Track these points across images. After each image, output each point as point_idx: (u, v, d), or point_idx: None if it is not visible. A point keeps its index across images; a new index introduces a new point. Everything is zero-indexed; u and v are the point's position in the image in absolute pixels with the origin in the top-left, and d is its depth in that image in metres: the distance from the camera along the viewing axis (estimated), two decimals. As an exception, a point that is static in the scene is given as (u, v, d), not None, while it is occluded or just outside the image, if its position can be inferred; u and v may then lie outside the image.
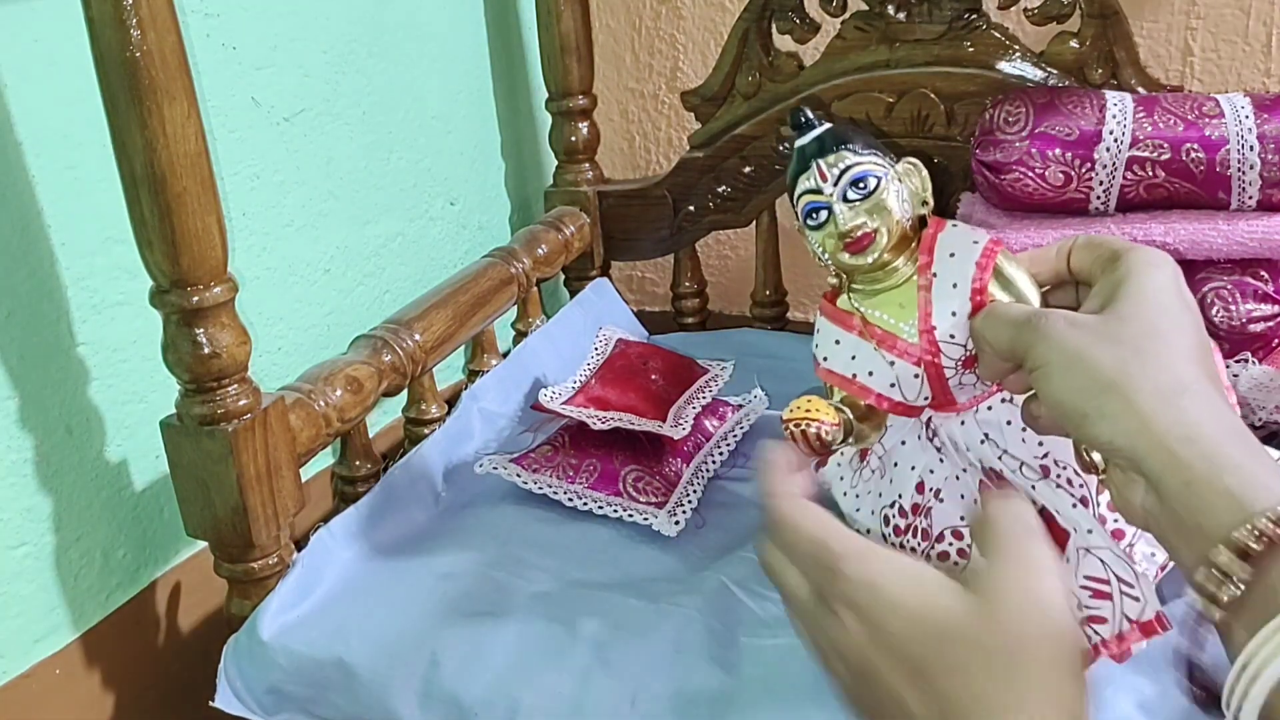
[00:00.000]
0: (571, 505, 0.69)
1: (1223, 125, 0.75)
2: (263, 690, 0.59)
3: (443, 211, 1.00)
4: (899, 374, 0.48)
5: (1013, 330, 0.44)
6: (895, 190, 0.49)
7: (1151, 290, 0.42)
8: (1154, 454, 0.38)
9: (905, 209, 0.49)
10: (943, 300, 0.48)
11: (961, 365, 0.48)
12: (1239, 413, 0.42)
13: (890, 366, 0.48)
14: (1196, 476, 0.37)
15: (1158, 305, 0.42)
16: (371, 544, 0.67)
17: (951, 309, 0.47)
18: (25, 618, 0.63)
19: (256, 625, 0.60)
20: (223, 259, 0.56)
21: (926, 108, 0.91)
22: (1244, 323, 0.74)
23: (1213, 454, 0.37)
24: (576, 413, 0.72)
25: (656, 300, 1.22)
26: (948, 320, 0.47)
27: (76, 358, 0.65)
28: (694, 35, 1.14)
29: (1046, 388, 0.42)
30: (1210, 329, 0.75)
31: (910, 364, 0.48)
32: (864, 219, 0.48)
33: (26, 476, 0.63)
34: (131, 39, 0.50)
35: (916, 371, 0.48)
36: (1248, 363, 0.73)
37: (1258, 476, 0.36)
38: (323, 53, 0.83)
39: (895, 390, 0.49)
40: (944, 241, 0.49)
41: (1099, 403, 0.39)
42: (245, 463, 0.59)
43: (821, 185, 0.49)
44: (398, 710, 0.56)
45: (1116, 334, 0.41)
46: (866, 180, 0.49)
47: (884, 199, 0.49)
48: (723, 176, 0.99)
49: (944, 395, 0.49)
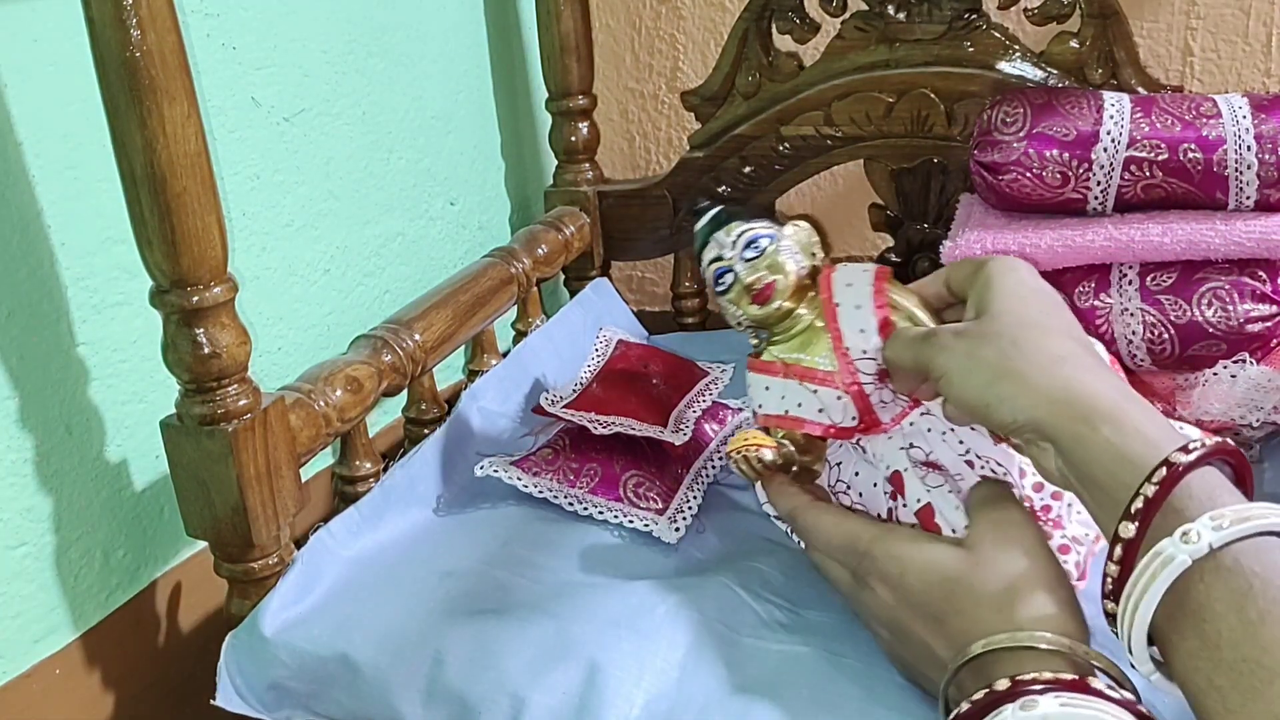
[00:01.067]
0: (572, 510, 0.69)
1: (1220, 125, 0.75)
2: (264, 687, 0.59)
3: (443, 211, 1.00)
4: (824, 400, 0.56)
5: (913, 349, 0.52)
6: (786, 246, 0.58)
7: (1012, 288, 0.51)
8: (1048, 419, 0.45)
9: (797, 260, 0.58)
10: (849, 322, 0.55)
11: (878, 380, 0.55)
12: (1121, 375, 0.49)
13: (815, 394, 0.56)
14: (1082, 432, 0.43)
15: (1020, 299, 0.50)
16: (372, 543, 0.67)
17: (860, 327, 0.55)
18: (25, 618, 0.64)
19: (258, 622, 0.60)
20: (223, 259, 0.57)
21: (926, 108, 0.91)
22: (1242, 323, 0.74)
23: (1088, 413, 0.44)
24: (577, 417, 0.72)
25: (656, 300, 1.22)
26: (858, 338, 0.55)
27: (76, 358, 0.65)
28: (694, 35, 1.14)
29: (950, 391, 0.49)
30: (1208, 329, 0.75)
31: (833, 389, 0.56)
32: (763, 272, 0.58)
33: (26, 476, 0.63)
34: (131, 39, 0.50)
35: (839, 394, 0.55)
36: (1245, 363, 0.73)
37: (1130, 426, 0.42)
38: (323, 53, 0.83)
39: (824, 415, 0.56)
40: (838, 277, 0.57)
41: (995, 392, 0.46)
42: (245, 462, 0.59)
43: (723, 252, 0.60)
44: (401, 707, 0.56)
45: (994, 332, 0.49)
46: (759, 241, 0.59)
47: (777, 255, 0.58)
48: (723, 176, 0.99)
49: (869, 415, 0.56)
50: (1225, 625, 0.36)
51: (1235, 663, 0.36)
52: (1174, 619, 0.38)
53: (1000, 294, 0.50)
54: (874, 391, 0.55)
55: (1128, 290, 0.77)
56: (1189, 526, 0.38)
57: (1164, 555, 0.38)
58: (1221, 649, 0.36)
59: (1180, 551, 0.38)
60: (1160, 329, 0.77)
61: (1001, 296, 0.50)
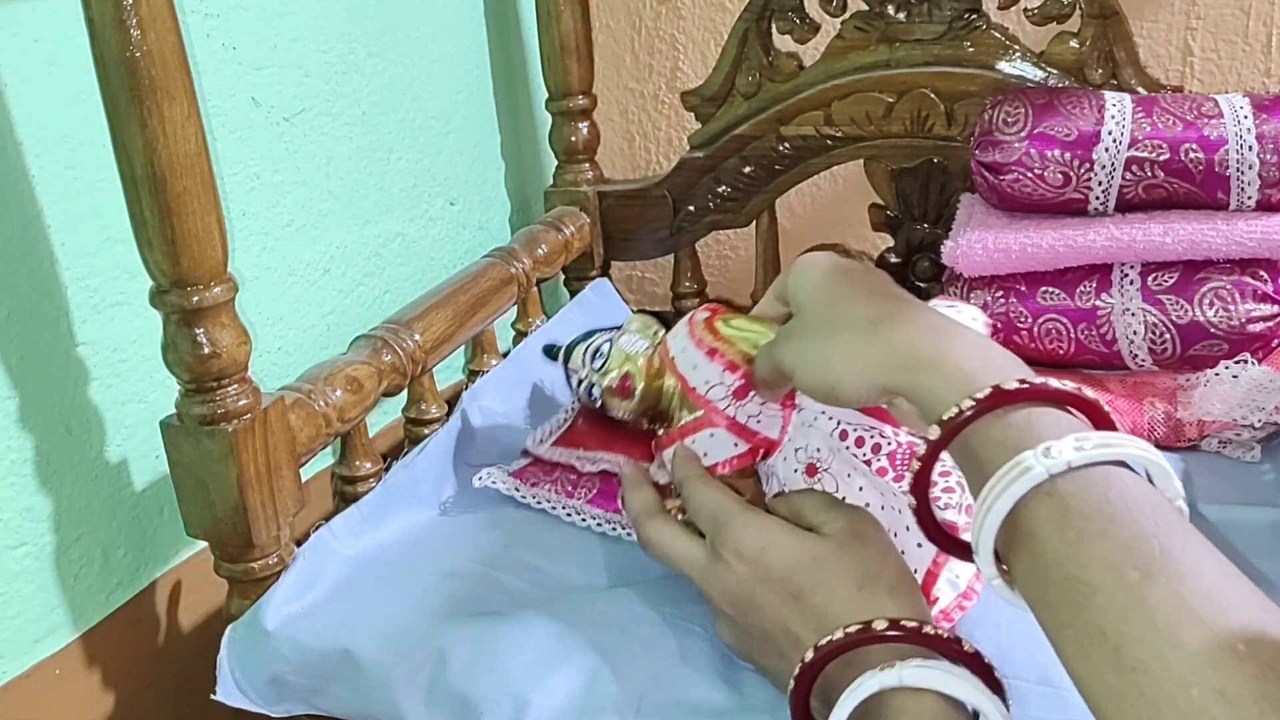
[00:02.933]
0: (570, 521, 0.69)
1: (1221, 125, 0.75)
2: (264, 681, 0.59)
3: (442, 211, 1.00)
4: (711, 444, 0.60)
5: (763, 358, 0.56)
6: (624, 340, 0.65)
7: (810, 279, 0.54)
8: (884, 381, 0.47)
9: (638, 346, 0.65)
10: (685, 364, 0.61)
11: (734, 398, 0.59)
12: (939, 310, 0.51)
13: (707, 441, 0.60)
14: (912, 382, 0.46)
15: (820, 285, 0.53)
16: (373, 542, 0.67)
17: (693, 364, 0.60)
18: (25, 618, 0.64)
19: (259, 616, 0.60)
20: (223, 259, 0.56)
21: (926, 108, 0.91)
22: (1243, 323, 0.74)
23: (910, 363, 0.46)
24: (564, 456, 0.72)
25: (656, 300, 1.22)
26: (694, 374, 0.60)
27: (76, 358, 0.65)
28: (694, 35, 1.14)
29: (802, 386, 0.52)
30: (1210, 329, 0.75)
31: (707, 430, 0.60)
32: (614, 372, 0.64)
33: (26, 476, 0.63)
34: (131, 39, 0.50)
35: (711, 432, 0.60)
36: (1247, 363, 0.73)
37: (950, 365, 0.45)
38: (323, 53, 0.83)
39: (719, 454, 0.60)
40: (669, 336, 0.64)
41: (833, 376, 0.49)
42: (245, 462, 0.59)
43: (580, 374, 0.68)
44: (403, 705, 0.56)
45: (809, 324, 0.52)
46: (600, 349, 0.66)
47: (619, 351, 0.65)
48: (722, 176, 0.99)
49: (753, 435, 0.60)
50: (1049, 546, 0.38)
51: (1060, 581, 0.37)
52: (1011, 540, 0.40)
53: (802, 287, 0.54)
54: (738, 411, 0.59)
55: (1129, 290, 0.77)
56: (1054, 443, 0.39)
57: (1023, 465, 0.39)
58: (1049, 568, 0.38)
59: (1039, 464, 0.39)
60: (1162, 329, 0.77)
61: (803, 289, 0.54)
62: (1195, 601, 0.34)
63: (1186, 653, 0.33)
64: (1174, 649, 0.34)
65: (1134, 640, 0.34)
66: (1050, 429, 0.40)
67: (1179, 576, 0.35)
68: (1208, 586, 0.35)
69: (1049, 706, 0.51)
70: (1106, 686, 0.35)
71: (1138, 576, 0.35)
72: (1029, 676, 0.51)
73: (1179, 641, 0.34)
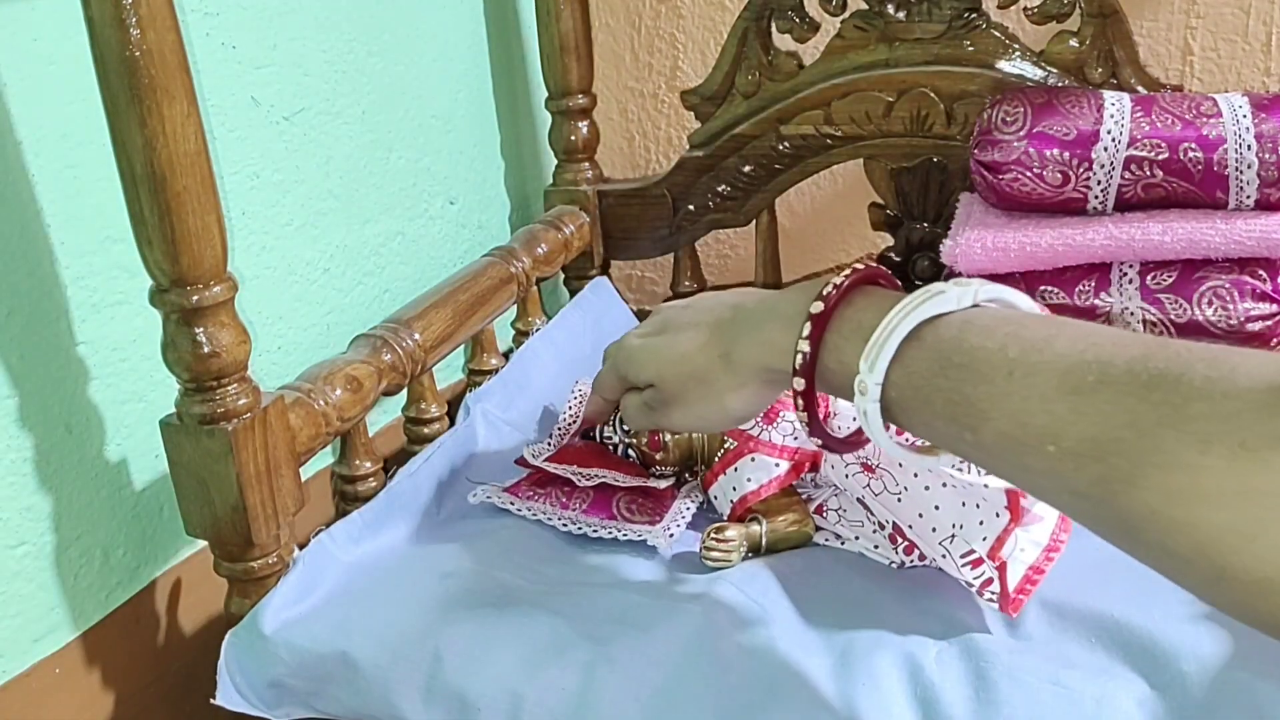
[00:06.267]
0: (567, 531, 0.68)
1: (1220, 125, 0.75)
2: (264, 685, 0.59)
3: (442, 211, 1.00)
4: (760, 465, 0.65)
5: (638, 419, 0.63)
6: None
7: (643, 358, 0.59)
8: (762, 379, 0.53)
9: None
10: None
11: (763, 422, 0.65)
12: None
13: (753, 463, 0.65)
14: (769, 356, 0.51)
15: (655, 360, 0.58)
16: (373, 547, 0.67)
17: None
18: (25, 617, 0.64)
19: (258, 620, 0.60)
20: (222, 258, 0.57)
21: (926, 107, 0.91)
22: (1242, 322, 0.75)
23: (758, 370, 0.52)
24: (560, 470, 0.72)
25: (656, 300, 1.22)
26: None
27: (76, 357, 0.65)
28: (694, 35, 1.14)
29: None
30: (1209, 328, 0.75)
31: (755, 454, 0.65)
32: (644, 433, 0.70)
33: (26, 476, 0.63)
34: (131, 39, 0.50)
35: (754, 457, 0.65)
36: (1246, 362, 0.73)
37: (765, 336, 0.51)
38: (323, 52, 0.83)
39: (767, 474, 0.65)
40: None
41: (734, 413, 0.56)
42: (245, 462, 0.59)
43: (614, 438, 0.74)
44: (401, 705, 0.56)
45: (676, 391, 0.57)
46: None
47: None
48: (722, 176, 0.99)
49: (795, 454, 0.64)
50: (946, 345, 0.43)
51: (961, 364, 0.42)
52: (904, 352, 0.44)
53: (642, 365, 0.59)
54: (772, 434, 0.65)
55: (1128, 289, 0.77)
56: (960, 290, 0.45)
57: (940, 291, 0.44)
58: (951, 356, 0.43)
59: (952, 290, 0.45)
60: (1161, 328, 0.77)
61: (644, 367, 0.59)
62: (1060, 348, 0.40)
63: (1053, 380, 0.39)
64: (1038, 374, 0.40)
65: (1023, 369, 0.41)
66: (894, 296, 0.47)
67: (1045, 342, 0.41)
68: (1071, 335, 0.41)
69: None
70: (987, 399, 0.41)
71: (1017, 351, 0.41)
72: None
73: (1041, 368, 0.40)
